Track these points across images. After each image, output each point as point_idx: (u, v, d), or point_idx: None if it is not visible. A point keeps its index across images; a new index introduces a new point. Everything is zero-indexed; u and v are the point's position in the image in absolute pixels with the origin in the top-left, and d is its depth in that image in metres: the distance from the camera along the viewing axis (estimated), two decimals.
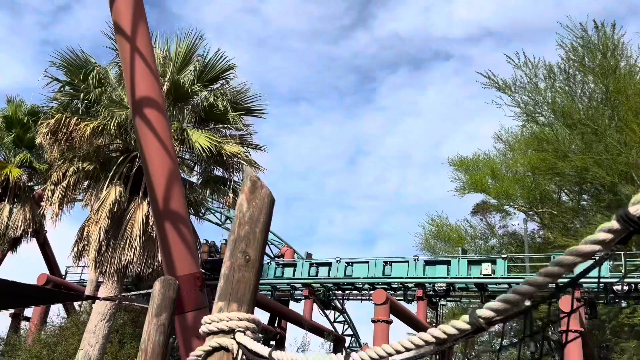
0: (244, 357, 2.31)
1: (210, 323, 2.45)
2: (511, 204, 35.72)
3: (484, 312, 1.22)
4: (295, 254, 33.46)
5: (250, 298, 2.54)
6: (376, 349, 1.53)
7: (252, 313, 2.51)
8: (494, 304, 1.20)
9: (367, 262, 27.70)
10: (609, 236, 1.02)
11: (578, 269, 1.15)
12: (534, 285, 1.13)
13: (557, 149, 30.67)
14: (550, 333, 31.59)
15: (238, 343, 2.33)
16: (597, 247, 1.04)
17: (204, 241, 28.39)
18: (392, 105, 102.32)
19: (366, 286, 27.92)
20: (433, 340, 1.36)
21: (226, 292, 2.51)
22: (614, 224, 1.01)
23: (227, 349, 2.38)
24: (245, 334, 2.38)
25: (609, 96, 29.15)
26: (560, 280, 1.14)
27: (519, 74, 32.18)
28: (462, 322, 1.27)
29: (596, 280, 21.86)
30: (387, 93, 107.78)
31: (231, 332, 2.40)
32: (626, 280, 21.70)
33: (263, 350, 2.15)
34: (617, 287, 22.10)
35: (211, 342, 2.41)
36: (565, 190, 34.81)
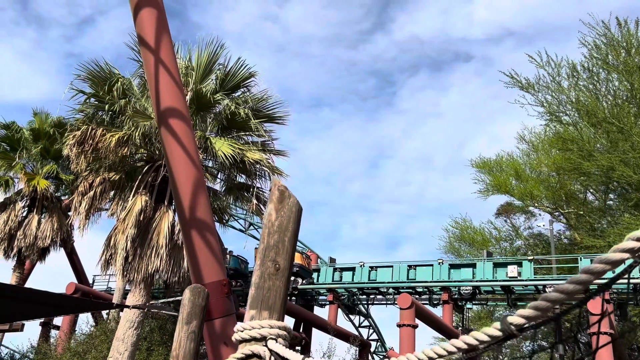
0: None
1: (242, 331, 2.50)
2: (536, 205, 35.29)
3: (515, 319, 1.25)
4: (319, 259, 33.48)
5: (280, 306, 2.59)
6: (409, 356, 1.56)
7: (283, 320, 2.56)
8: (525, 311, 1.23)
9: (391, 266, 27.60)
10: (638, 244, 1.05)
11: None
12: (564, 293, 1.16)
13: (582, 148, 30.24)
14: (580, 336, 31.09)
15: (270, 350, 2.38)
16: (625, 256, 1.07)
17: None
18: (413, 108, 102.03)
19: (391, 290, 27.82)
20: (465, 346, 1.39)
21: (257, 300, 2.57)
22: None
23: (259, 356, 2.43)
24: (277, 341, 2.43)
25: (634, 94, 28.68)
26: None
27: (541, 73, 31.85)
28: (494, 329, 1.30)
29: (625, 281, 21.48)
30: (407, 96, 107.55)
31: (263, 339, 2.45)
32: None
33: (295, 357, 2.20)
34: None
35: (244, 349, 2.47)
36: (591, 190, 34.26)
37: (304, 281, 28.02)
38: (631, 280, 21.11)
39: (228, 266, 27.61)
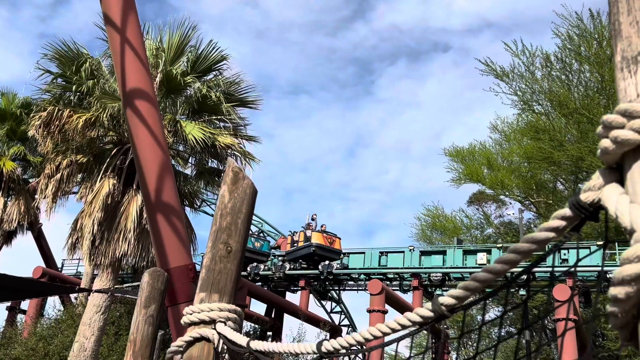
0: (224, 347, 2.33)
1: (191, 314, 2.46)
2: (507, 193, 35.82)
3: (446, 299, 1.24)
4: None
5: (231, 289, 2.56)
6: (346, 338, 1.55)
7: (233, 303, 2.53)
8: (455, 291, 1.22)
9: (363, 252, 27.79)
10: (562, 223, 1.03)
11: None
12: (492, 273, 1.15)
13: (553, 138, 30.72)
14: (547, 323, 31.80)
15: (219, 333, 2.35)
16: (551, 234, 1.05)
17: (289, 232, 29.06)
18: (392, 97, 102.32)
19: (362, 277, 28.02)
20: (398, 327, 1.38)
21: (208, 283, 2.53)
22: (566, 211, 1.03)
23: (208, 339, 2.40)
24: (226, 324, 2.40)
25: (605, 85, 29.16)
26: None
27: (516, 62, 32.17)
28: (426, 310, 1.29)
29: (591, 269, 21.99)
30: (386, 85, 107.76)
31: (212, 322, 2.42)
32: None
33: (242, 340, 2.17)
34: (611, 276, 22.26)
35: (192, 332, 2.43)
36: (561, 180, 34.90)
37: (335, 264, 27.12)
38: (596, 269, 21.62)
39: (263, 250, 27.68)
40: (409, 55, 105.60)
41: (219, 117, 15.53)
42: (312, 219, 27.81)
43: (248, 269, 27.75)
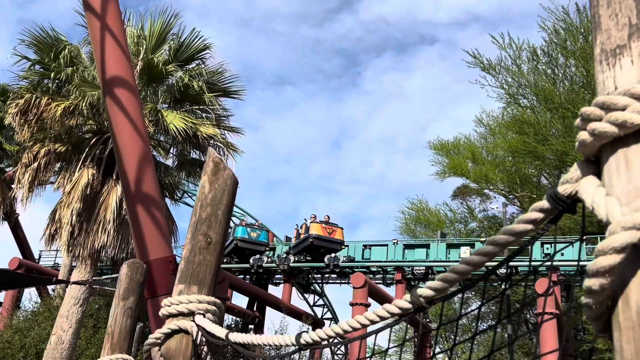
0: (203, 339, 2.33)
1: (170, 306, 2.46)
2: (491, 187, 36.13)
3: (425, 291, 1.25)
4: (275, 238, 33.50)
5: (211, 281, 2.56)
6: (325, 330, 1.55)
7: (213, 295, 2.53)
8: (434, 283, 1.23)
9: (347, 245, 27.87)
10: (540, 215, 1.05)
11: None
12: (471, 265, 1.16)
13: (538, 132, 31.01)
14: (529, 316, 32.24)
15: (197, 325, 2.34)
16: (529, 227, 1.07)
17: (295, 225, 28.70)
18: (377, 89, 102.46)
19: (345, 270, 28.11)
20: (377, 319, 1.39)
21: (187, 275, 2.52)
22: (544, 203, 1.04)
23: (186, 332, 2.40)
24: (205, 317, 2.39)
25: (590, 80, 29.47)
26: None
27: (503, 55, 32.39)
28: (404, 302, 1.30)
29: (572, 263, 22.31)
30: (372, 77, 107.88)
31: (191, 314, 2.42)
32: None
33: (221, 332, 2.17)
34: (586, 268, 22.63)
35: (170, 324, 2.43)
36: (545, 174, 35.27)
37: (342, 257, 26.64)
38: (577, 262, 21.96)
39: (237, 237, 27.20)
40: (395, 47, 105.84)
41: (201, 107, 15.43)
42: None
43: (251, 261, 27.43)
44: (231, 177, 2.75)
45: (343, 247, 26.72)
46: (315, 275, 29.40)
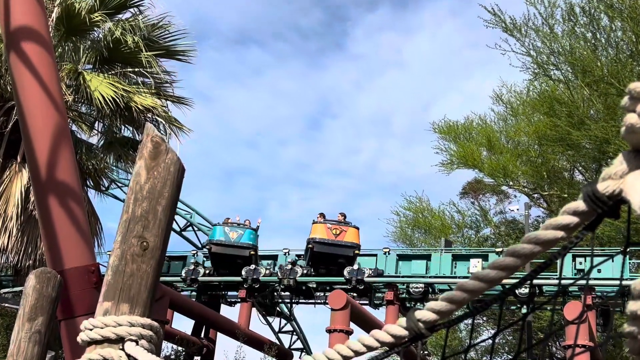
0: None
1: (91, 329, 2.45)
2: (511, 183, 36.53)
3: (425, 314, 1.27)
4: None
5: (147, 297, 2.56)
6: None
7: (149, 317, 2.52)
8: (436, 304, 1.25)
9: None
10: (574, 220, 1.07)
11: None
12: (484, 281, 1.18)
13: (573, 113, 31.39)
14: (554, 349, 32.78)
15: (127, 355, 2.34)
16: (559, 234, 1.08)
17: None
18: (369, 54, 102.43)
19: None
20: (363, 349, 1.40)
21: (115, 289, 2.52)
22: (579, 204, 1.06)
23: None
24: (138, 344, 2.39)
25: (639, 47, 29.91)
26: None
27: (532, 12, 32.61)
28: (399, 328, 1.31)
29: (612, 282, 22.70)
30: (362, 37, 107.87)
31: (120, 341, 2.41)
32: None
33: None
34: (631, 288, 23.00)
35: (92, 354, 2.42)
36: (580, 168, 35.80)
37: (367, 269, 25.69)
38: (619, 282, 22.34)
39: (211, 240, 26.48)
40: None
41: (136, 70, 15.38)
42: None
43: (243, 273, 26.58)
44: (175, 162, 2.75)
45: (358, 252, 25.76)
46: (283, 293, 29.42)
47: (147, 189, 2.66)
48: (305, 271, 26.43)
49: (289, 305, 31.51)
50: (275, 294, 29.21)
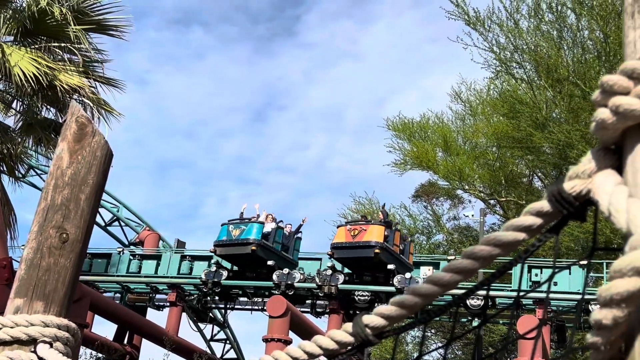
0: None
1: (1, 328, 2.39)
2: (466, 187, 37.06)
3: (373, 319, 1.26)
4: (161, 242, 33.07)
5: (64, 295, 2.51)
6: None
7: (66, 317, 2.48)
8: (386, 308, 1.24)
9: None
10: (537, 221, 1.07)
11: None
12: (439, 285, 1.17)
13: (535, 114, 31.95)
14: None
15: (40, 358, 2.29)
16: (521, 236, 1.09)
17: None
18: (323, 42, 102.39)
19: (260, 291, 28.11)
20: (304, 356, 1.39)
21: (28, 285, 2.46)
22: (544, 204, 1.06)
23: None
24: (52, 346, 2.34)
25: (609, 49, 30.61)
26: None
27: (497, 5, 33.10)
28: (344, 333, 1.30)
29: (569, 296, 23.24)
30: (316, 24, 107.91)
31: (32, 342, 2.36)
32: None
33: None
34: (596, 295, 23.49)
35: (0, 355, 2.36)
36: (540, 174, 36.52)
37: (421, 277, 24.64)
38: (574, 297, 22.87)
39: (254, 239, 25.28)
40: None
41: (63, 45, 15.15)
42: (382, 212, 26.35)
43: (275, 277, 25.68)
44: (103, 146, 2.69)
45: (378, 250, 24.26)
46: (216, 298, 29.26)
47: (69, 175, 2.60)
48: (347, 277, 25.75)
49: (223, 310, 31.37)
50: (209, 298, 29.08)
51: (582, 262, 21.29)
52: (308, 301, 28.20)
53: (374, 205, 40.64)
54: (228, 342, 34.17)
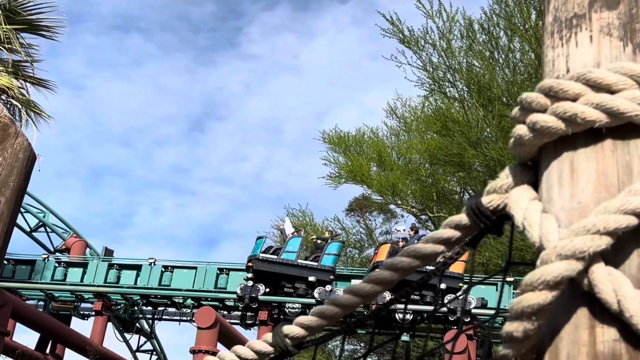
0: None
1: None
2: (399, 202, 37.44)
3: (293, 329, 1.26)
4: (88, 249, 32.46)
5: None
6: None
7: None
8: (306, 319, 1.24)
9: (195, 267, 27.60)
10: (455, 234, 1.09)
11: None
12: (359, 295, 1.18)
13: (467, 133, 32.50)
14: None
15: None
16: (439, 248, 1.10)
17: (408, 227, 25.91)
18: (264, 55, 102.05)
19: (189, 302, 27.85)
20: None
21: None
22: (462, 217, 1.08)
23: None
24: None
25: (538, 69, 31.39)
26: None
27: (430, 25, 33.55)
28: (263, 343, 1.30)
29: (489, 312, 23.65)
30: (258, 36, 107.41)
31: None
32: None
33: None
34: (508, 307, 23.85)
35: None
36: (470, 191, 37.11)
37: (473, 299, 23.55)
38: (501, 312, 23.21)
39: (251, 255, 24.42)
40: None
41: None
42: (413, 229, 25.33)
43: (317, 295, 24.75)
44: (26, 148, 2.63)
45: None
46: (145, 307, 28.85)
47: None
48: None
49: (151, 320, 30.93)
50: (136, 307, 28.68)
51: (508, 279, 21.67)
52: (237, 312, 28.05)
53: (307, 218, 40.75)
54: (154, 352, 33.65)
